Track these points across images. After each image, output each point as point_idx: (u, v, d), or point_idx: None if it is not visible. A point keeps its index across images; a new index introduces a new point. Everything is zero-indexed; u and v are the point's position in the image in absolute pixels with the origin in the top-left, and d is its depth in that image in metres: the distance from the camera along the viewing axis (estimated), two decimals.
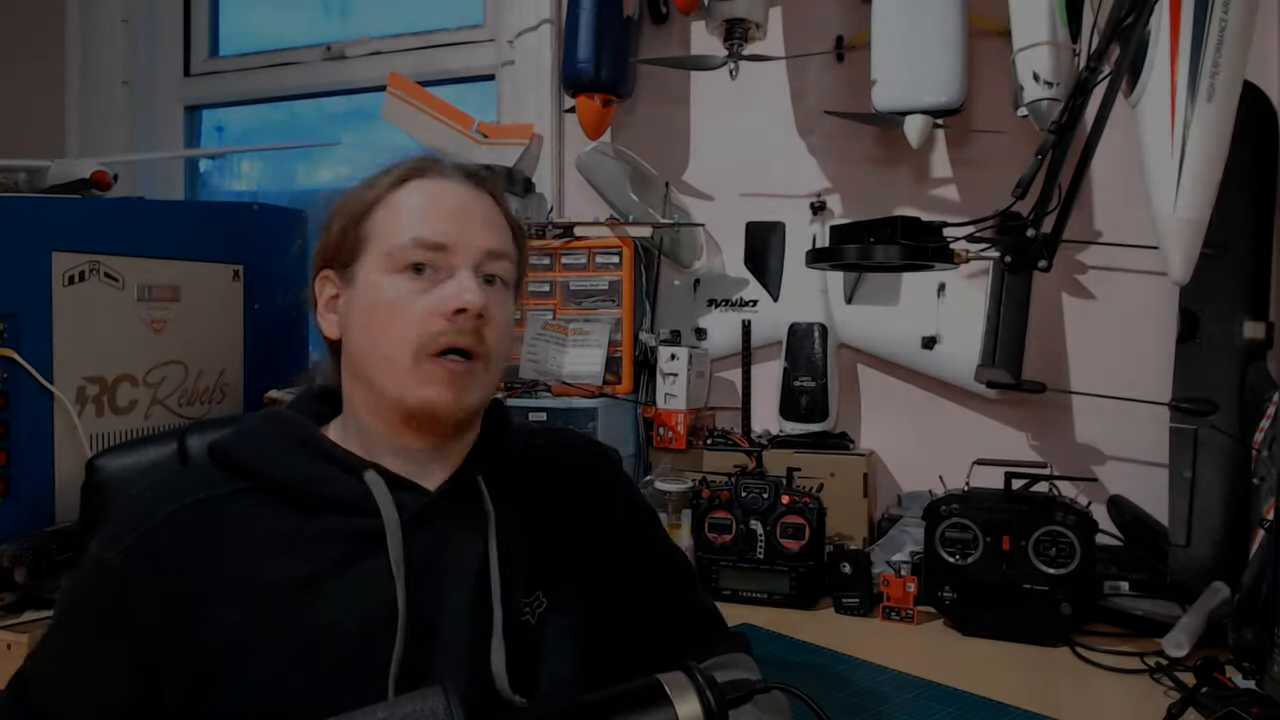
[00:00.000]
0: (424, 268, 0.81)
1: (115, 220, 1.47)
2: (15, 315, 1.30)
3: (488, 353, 0.82)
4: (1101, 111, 1.14)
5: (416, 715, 0.65)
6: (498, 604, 0.81)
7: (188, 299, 1.54)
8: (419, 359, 0.79)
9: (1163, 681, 1.20)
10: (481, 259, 0.82)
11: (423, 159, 0.87)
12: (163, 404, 1.52)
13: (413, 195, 0.84)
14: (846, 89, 1.96)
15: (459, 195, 0.85)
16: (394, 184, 0.84)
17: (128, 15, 2.62)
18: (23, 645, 1.16)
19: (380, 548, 0.78)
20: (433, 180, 0.85)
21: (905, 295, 1.87)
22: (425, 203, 0.83)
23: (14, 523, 1.28)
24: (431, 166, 0.86)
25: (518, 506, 0.87)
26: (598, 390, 1.86)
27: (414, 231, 0.81)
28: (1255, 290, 1.49)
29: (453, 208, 0.83)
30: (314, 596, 0.76)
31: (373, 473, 0.80)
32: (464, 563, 0.82)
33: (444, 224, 0.82)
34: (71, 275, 1.37)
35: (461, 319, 0.79)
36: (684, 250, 2.06)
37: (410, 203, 0.83)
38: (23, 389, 1.30)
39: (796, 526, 1.50)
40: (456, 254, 0.81)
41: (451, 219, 0.82)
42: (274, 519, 0.78)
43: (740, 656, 0.96)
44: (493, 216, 0.86)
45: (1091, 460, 1.80)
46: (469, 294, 0.79)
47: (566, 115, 2.14)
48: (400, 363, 0.79)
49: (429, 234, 0.81)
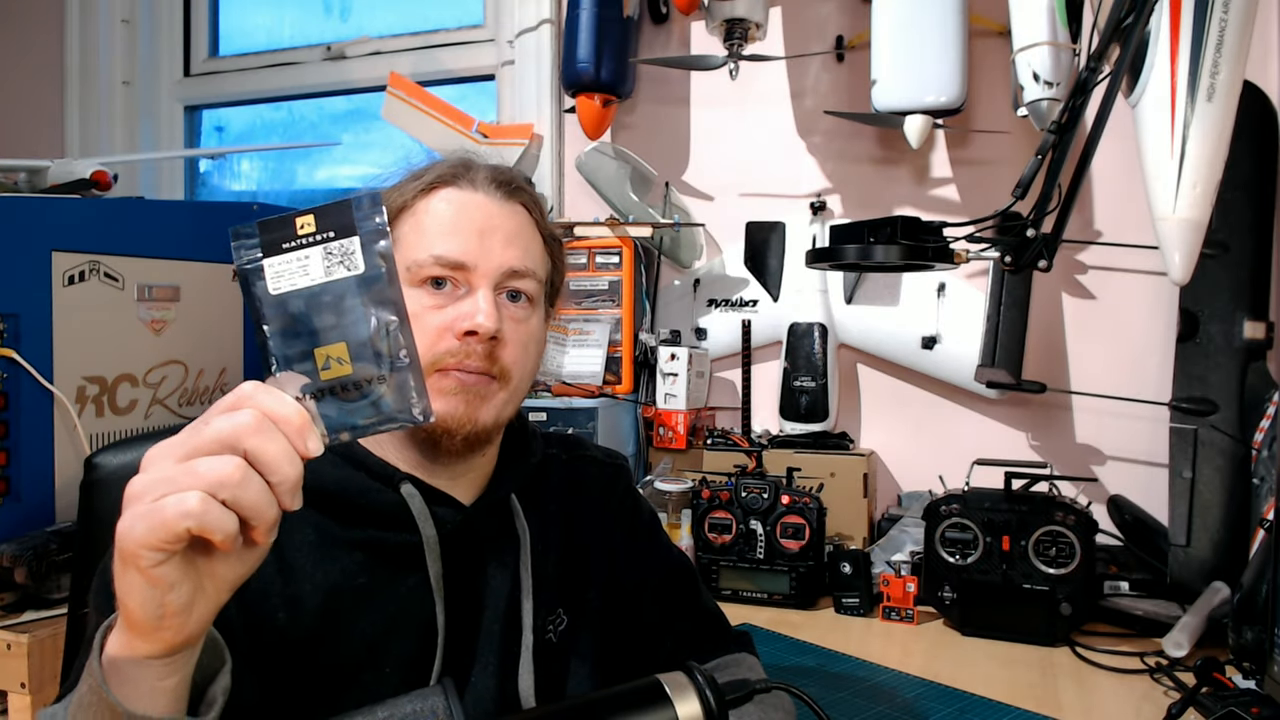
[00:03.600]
0: (443, 282, 0.78)
1: (115, 220, 1.47)
2: (15, 315, 1.30)
3: (503, 372, 0.79)
4: (1101, 111, 1.14)
5: (417, 715, 0.65)
6: (528, 628, 0.81)
7: (188, 299, 1.54)
8: (429, 374, 0.77)
9: (1163, 681, 1.20)
10: (503, 278, 0.80)
11: (456, 164, 0.84)
12: (163, 404, 1.51)
13: (439, 206, 0.81)
14: (846, 89, 1.96)
15: (486, 209, 0.81)
16: (422, 191, 0.82)
17: (128, 15, 2.63)
18: (23, 645, 1.16)
19: (418, 564, 0.78)
20: (461, 190, 0.82)
21: (905, 295, 1.87)
22: (450, 216, 0.80)
23: (14, 523, 1.28)
24: (463, 174, 0.83)
25: (543, 524, 0.87)
26: (598, 390, 1.86)
27: (435, 248, 0.78)
28: (1255, 290, 1.49)
29: (478, 223, 0.80)
30: (353, 609, 0.76)
31: (410, 485, 0.79)
32: (497, 583, 0.82)
33: (466, 241, 0.79)
34: (71, 275, 1.37)
35: (473, 341, 0.77)
36: (684, 250, 2.06)
37: (435, 215, 0.80)
38: (23, 389, 1.30)
39: (796, 526, 1.50)
40: (476, 272, 0.79)
41: (475, 235, 0.79)
42: (315, 524, 0.77)
43: (743, 656, 0.96)
44: (521, 231, 0.83)
45: (1091, 460, 1.80)
46: (482, 316, 0.77)
47: (566, 115, 2.15)
48: None
49: (449, 251, 0.78)
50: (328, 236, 0.54)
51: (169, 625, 0.51)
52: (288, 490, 0.51)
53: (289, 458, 0.51)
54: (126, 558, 0.50)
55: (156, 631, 0.51)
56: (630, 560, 0.94)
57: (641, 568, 0.95)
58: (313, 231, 0.54)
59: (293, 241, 0.54)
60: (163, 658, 0.53)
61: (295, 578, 0.75)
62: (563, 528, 0.89)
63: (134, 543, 0.49)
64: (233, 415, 0.50)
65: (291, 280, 0.54)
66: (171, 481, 0.49)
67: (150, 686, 0.53)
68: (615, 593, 0.92)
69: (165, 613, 0.51)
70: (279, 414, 0.51)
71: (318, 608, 0.74)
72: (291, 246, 0.54)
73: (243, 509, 0.49)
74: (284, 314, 0.54)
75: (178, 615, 0.51)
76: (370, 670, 0.75)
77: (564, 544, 0.88)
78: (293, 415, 0.51)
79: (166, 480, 0.49)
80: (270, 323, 0.54)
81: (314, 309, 0.54)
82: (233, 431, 0.50)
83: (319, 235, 0.54)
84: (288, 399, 0.52)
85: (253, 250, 0.54)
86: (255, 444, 0.50)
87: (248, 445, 0.50)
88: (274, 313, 0.54)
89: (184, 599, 0.51)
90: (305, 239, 0.54)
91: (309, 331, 0.54)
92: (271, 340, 0.54)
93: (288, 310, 0.54)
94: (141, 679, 0.53)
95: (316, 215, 0.55)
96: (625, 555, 0.94)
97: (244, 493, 0.49)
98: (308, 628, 0.74)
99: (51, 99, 2.64)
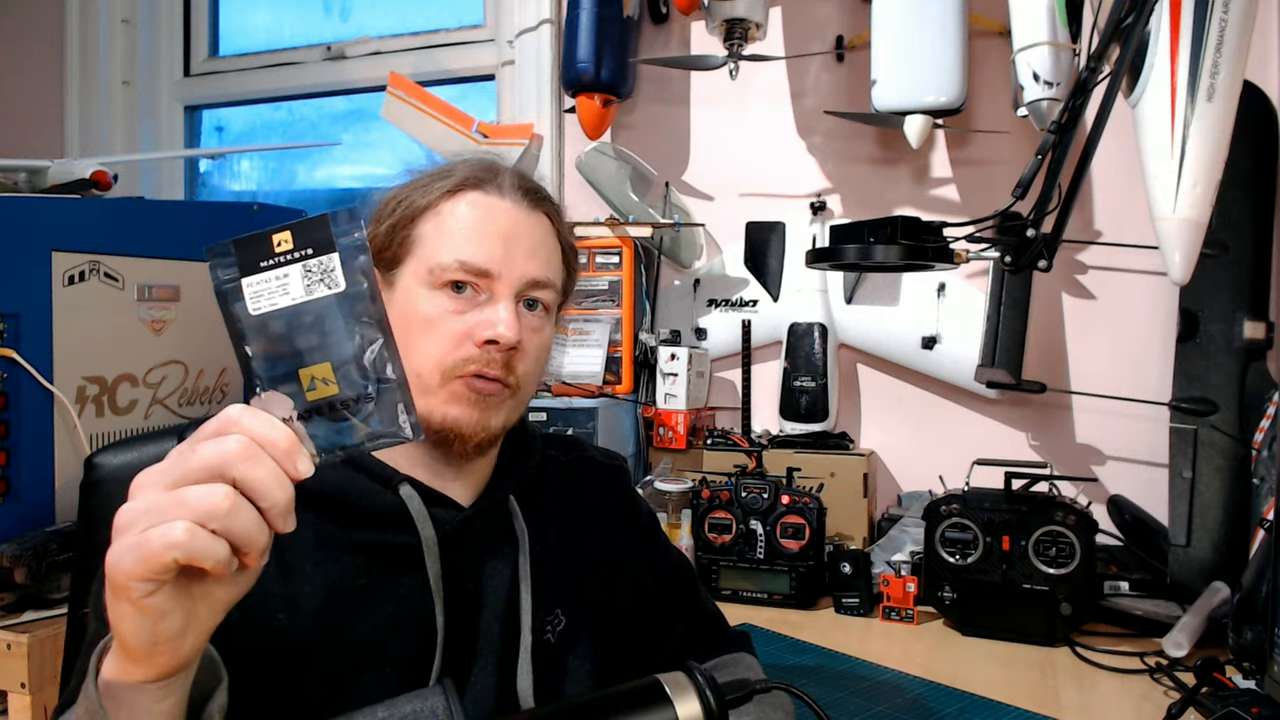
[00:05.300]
0: (464, 287, 0.78)
1: (115, 220, 1.47)
2: (15, 315, 1.30)
3: (518, 381, 0.80)
4: (1101, 111, 1.14)
5: (416, 715, 0.65)
6: (527, 629, 0.81)
7: (188, 299, 1.54)
8: (446, 379, 0.77)
9: (1163, 681, 1.20)
10: (525, 287, 0.80)
11: (482, 168, 0.83)
12: (163, 404, 1.51)
13: (464, 210, 0.80)
14: (846, 89, 1.96)
15: (511, 217, 0.81)
16: (447, 193, 0.81)
17: (128, 15, 2.63)
18: (23, 645, 1.16)
19: (416, 565, 0.78)
20: (488, 195, 0.81)
21: (905, 295, 1.87)
22: (475, 222, 0.80)
23: (14, 523, 1.28)
24: (489, 180, 0.82)
25: (542, 526, 0.87)
26: (598, 390, 1.86)
27: (459, 253, 0.78)
28: (1255, 290, 1.49)
29: (503, 231, 0.80)
30: (353, 611, 0.76)
31: (408, 487, 0.79)
32: (496, 583, 0.82)
33: (491, 248, 0.78)
34: (71, 275, 1.37)
35: (492, 349, 0.77)
36: (684, 250, 2.06)
37: (460, 219, 0.80)
38: (23, 389, 1.30)
39: (796, 526, 1.50)
40: (499, 280, 0.78)
41: (499, 243, 0.79)
42: (314, 526, 0.76)
43: (742, 656, 0.96)
44: (544, 241, 0.83)
45: (1091, 460, 1.80)
46: (504, 326, 0.76)
47: (566, 115, 2.15)
48: (427, 381, 0.77)
49: (474, 258, 0.78)
50: (306, 254, 0.53)
51: (163, 651, 0.51)
52: (279, 514, 0.50)
53: (279, 482, 0.50)
54: (117, 589, 0.49)
55: (151, 658, 0.51)
56: (629, 561, 0.94)
57: (640, 568, 0.95)
58: (290, 249, 0.53)
59: (270, 260, 0.53)
60: (158, 681, 0.53)
61: (295, 579, 0.75)
62: (561, 528, 0.89)
63: (123, 574, 0.49)
64: (220, 441, 0.50)
65: (272, 300, 0.53)
66: (159, 511, 0.49)
67: (146, 709, 0.53)
68: (614, 593, 0.91)
69: (159, 639, 0.50)
70: (267, 438, 0.50)
71: (317, 609, 0.74)
72: (269, 265, 0.53)
73: (233, 537, 0.49)
74: (266, 335, 0.53)
75: (171, 641, 0.51)
76: (370, 671, 0.75)
77: (563, 545, 0.88)
78: (281, 439, 0.51)
79: (154, 510, 0.49)
80: (252, 344, 0.53)
81: (296, 329, 0.53)
82: (220, 459, 0.49)
83: (297, 252, 0.53)
84: (275, 422, 0.51)
85: (230, 269, 0.53)
86: (244, 471, 0.49)
87: (236, 472, 0.49)
88: (256, 334, 0.53)
89: (177, 626, 0.51)
90: (283, 256, 0.53)
91: (293, 353, 0.53)
92: (255, 361, 0.53)
93: (269, 331, 0.53)
94: (137, 703, 0.53)
95: (294, 231, 0.53)
96: (624, 556, 0.94)
97: (234, 521, 0.49)
98: (308, 629, 0.74)
99: (51, 99, 2.64)
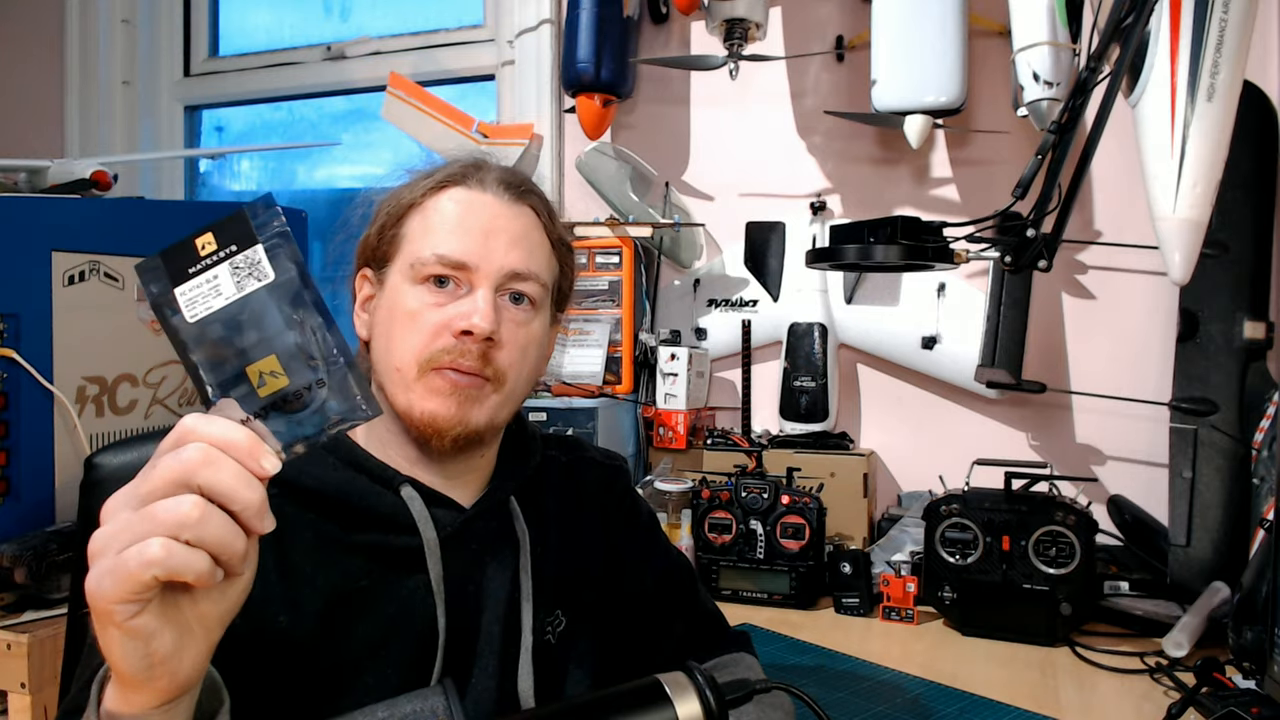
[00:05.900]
0: (445, 280, 0.79)
1: (115, 220, 1.47)
2: (15, 315, 1.30)
3: (497, 374, 0.79)
4: (1101, 111, 1.14)
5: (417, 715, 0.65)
6: (527, 629, 0.81)
7: None
8: (423, 372, 0.78)
9: (1163, 681, 1.20)
10: (505, 280, 0.80)
11: (466, 164, 0.85)
12: (163, 404, 1.51)
13: (446, 205, 0.81)
14: (846, 89, 1.96)
15: (492, 209, 0.82)
16: (432, 189, 0.82)
17: (128, 15, 2.63)
18: (23, 645, 1.16)
19: (418, 566, 0.78)
20: (470, 190, 0.82)
21: (905, 295, 1.87)
22: (456, 216, 0.81)
23: (14, 523, 1.28)
24: (472, 174, 0.83)
25: (542, 526, 0.87)
26: (598, 390, 1.86)
27: (438, 247, 0.79)
28: (1255, 290, 1.49)
29: (484, 224, 0.80)
30: (354, 612, 0.76)
31: (409, 488, 0.79)
32: (496, 584, 0.82)
33: (470, 241, 0.79)
34: (71, 275, 1.37)
35: (468, 340, 0.77)
36: (684, 250, 2.06)
37: (442, 213, 0.81)
38: (23, 389, 1.30)
39: (796, 526, 1.50)
40: (478, 272, 0.79)
41: (479, 236, 0.80)
42: (315, 527, 0.77)
43: (742, 656, 0.96)
44: (527, 234, 0.83)
45: (1091, 460, 1.80)
46: (479, 317, 0.77)
47: (566, 115, 2.15)
48: (407, 374, 0.78)
49: (452, 251, 0.79)
50: (231, 251, 0.53)
51: (160, 674, 0.50)
52: (253, 515, 0.50)
53: (246, 483, 0.50)
54: (101, 615, 0.49)
55: (149, 682, 0.51)
56: (629, 561, 0.94)
57: (640, 568, 0.95)
58: (215, 249, 0.53)
59: (197, 264, 0.53)
60: (161, 708, 0.52)
61: (296, 581, 0.75)
62: (562, 529, 0.89)
63: (104, 599, 0.48)
64: (179, 452, 0.50)
65: (207, 304, 0.53)
66: (130, 530, 0.48)
67: None
68: (614, 594, 0.91)
69: (153, 662, 0.50)
70: (226, 440, 0.50)
71: (319, 610, 0.74)
72: (198, 269, 0.53)
73: (209, 545, 0.49)
74: (207, 340, 0.53)
75: (166, 662, 0.50)
76: (371, 671, 0.75)
77: (563, 545, 0.88)
78: (241, 439, 0.50)
79: (125, 530, 0.48)
80: (195, 352, 0.53)
81: (235, 328, 0.53)
82: (182, 468, 0.49)
83: (222, 251, 0.53)
84: (233, 424, 0.51)
85: (161, 282, 0.53)
86: (207, 476, 0.49)
87: (200, 480, 0.49)
88: (197, 342, 0.53)
89: (169, 645, 0.50)
90: (210, 258, 0.53)
91: (236, 352, 0.53)
92: (202, 369, 0.53)
93: (210, 336, 0.53)
94: None
95: (215, 232, 0.54)
96: (624, 556, 0.94)
97: (206, 530, 0.48)
98: (309, 630, 0.74)
99: (51, 99, 2.64)
